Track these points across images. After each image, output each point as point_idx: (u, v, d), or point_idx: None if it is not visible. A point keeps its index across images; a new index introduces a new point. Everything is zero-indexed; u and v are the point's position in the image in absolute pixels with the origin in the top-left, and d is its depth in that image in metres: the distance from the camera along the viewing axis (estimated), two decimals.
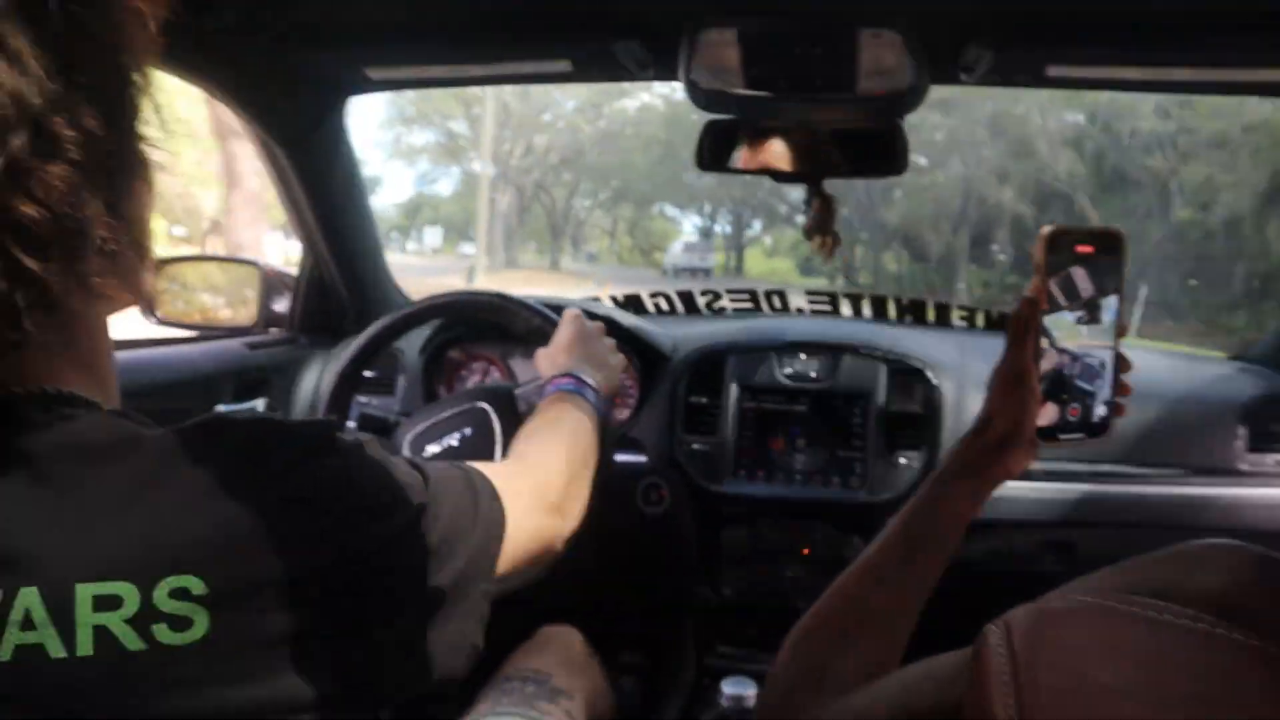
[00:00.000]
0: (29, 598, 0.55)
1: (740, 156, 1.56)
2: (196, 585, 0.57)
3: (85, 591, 0.55)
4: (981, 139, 25.26)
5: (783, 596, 1.75)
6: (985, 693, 0.45)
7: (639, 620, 1.96)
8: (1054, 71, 1.32)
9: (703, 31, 1.26)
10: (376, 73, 1.48)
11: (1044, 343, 0.87)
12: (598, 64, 1.41)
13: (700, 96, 1.42)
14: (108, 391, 0.67)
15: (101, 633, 0.55)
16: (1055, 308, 0.87)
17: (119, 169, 0.61)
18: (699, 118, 1.50)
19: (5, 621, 0.54)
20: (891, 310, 2.17)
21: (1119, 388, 0.92)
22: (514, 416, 1.37)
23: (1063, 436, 0.90)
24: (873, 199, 27.99)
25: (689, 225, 44.28)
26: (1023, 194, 25.25)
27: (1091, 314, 0.89)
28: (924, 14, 1.20)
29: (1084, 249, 0.86)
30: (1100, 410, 0.92)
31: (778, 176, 1.58)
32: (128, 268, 0.64)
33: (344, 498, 0.66)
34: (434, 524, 0.72)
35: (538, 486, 0.97)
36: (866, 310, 2.19)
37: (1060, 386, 0.90)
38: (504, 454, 1.33)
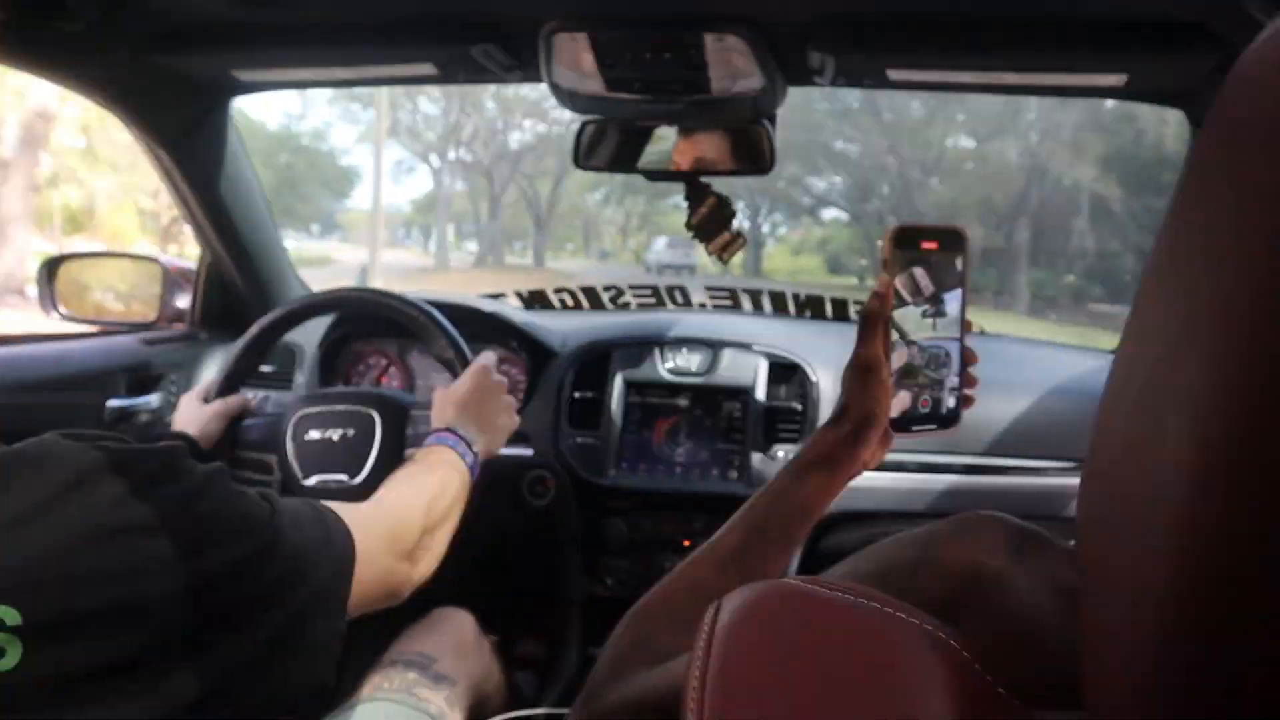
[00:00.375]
0: None
1: (614, 156, 1.60)
2: (10, 615, 0.54)
3: None
4: (1050, 103, 21.23)
5: None
6: (690, 667, 0.46)
7: (533, 612, 1.99)
8: (895, 75, 1.36)
9: (555, 35, 1.30)
10: (245, 75, 1.51)
11: (894, 336, 0.90)
12: (461, 66, 1.44)
13: (564, 98, 1.46)
14: None
15: None
16: (902, 303, 0.90)
17: None
18: None
19: None
20: (790, 306, 2.22)
21: (966, 379, 0.95)
22: (398, 434, 1.41)
23: (915, 428, 0.93)
24: (908, 186, 26.02)
25: None
26: (1106, 170, 21.74)
27: (936, 308, 0.92)
28: (759, 22, 1.24)
29: (929, 245, 0.90)
30: (950, 401, 0.95)
31: (651, 175, 1.62)
32: None
33: (181, 527, 0.64)
34: (276, 556, 0.72)
35: (393, 532, 0.98)
36: (766, 306, 2.24)
37: (911, 377, 0.92)
38: (375, 465, 1.37)
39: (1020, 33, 1.22)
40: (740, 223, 1.61)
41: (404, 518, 1.03)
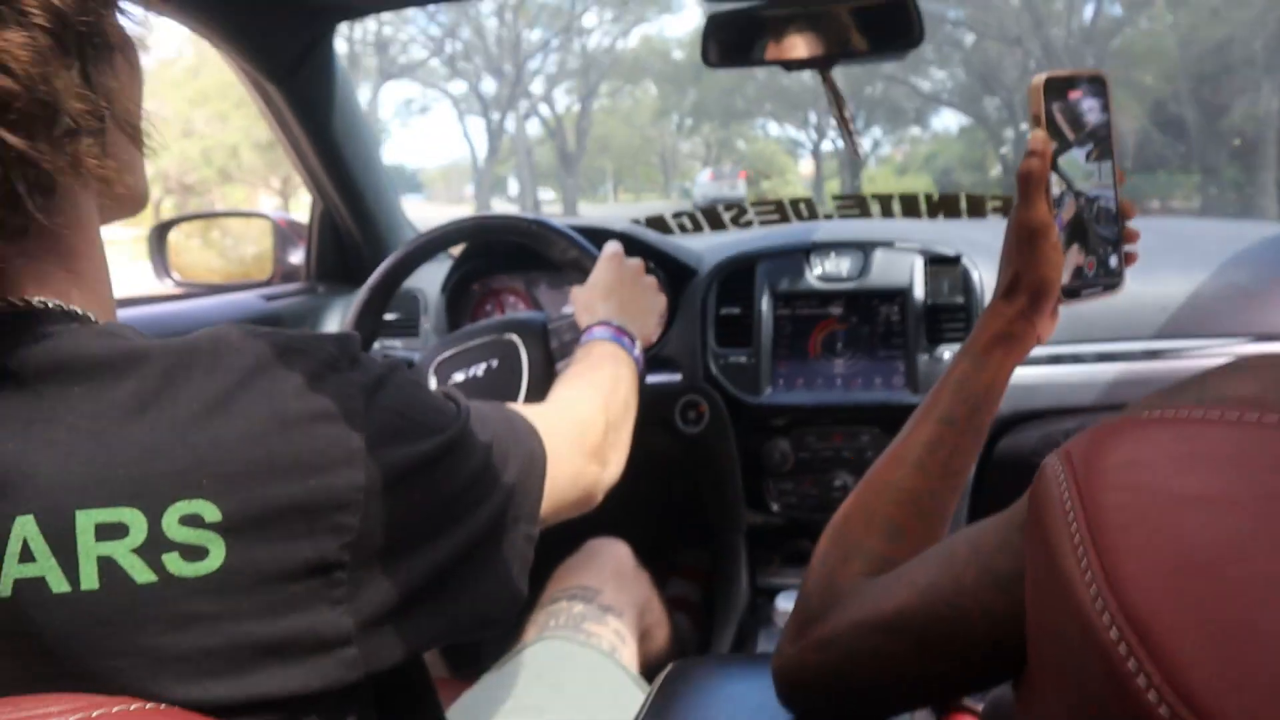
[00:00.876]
0: (25, 526, 0.51)
1: (748, 48, 1.48)
2: (210, 511, 0.53)
3: (87, 519, 0.51)
4: None
5: (834, 508, 1.69)
6: (1047, 527, 0.40)
7: (687, 548, 1.91)
8: None
9: None
10: None
11: (1058, 189, 0.84)
12: None
13: None
14: (104, 306, 0.62)
15: (107, 564, 0.51)
16: (1065, 147, 0.84)
17: (92, 40, 0.56)
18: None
19: (3, 553, 0.51)
20: (923, 206, 2.09)
21: (1127, 234, 0.90)
22: (544, 351, 1.33)
23: (1085, 292, 0.88)
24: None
25: (798, 143, 36.66)
26: None
27: (1099, 149, 0.87)
28: None
29: (1074, 94, 0.85)
30: (1113, 260, 0.89)
31: (790, 65, 1.50)
32: (121, 152, 0.61)
33: (370, 415, 0.60)
34: (470, 454, 0.68)
35: (578, 430, 0.93)
36: (897, 209, 2.11)
37: (1081, 234, 0.87)
38: (529, 388, 1.30)
39: None
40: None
41: (586, 415, 0.97)
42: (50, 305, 0.57)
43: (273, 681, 0.55)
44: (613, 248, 1.29)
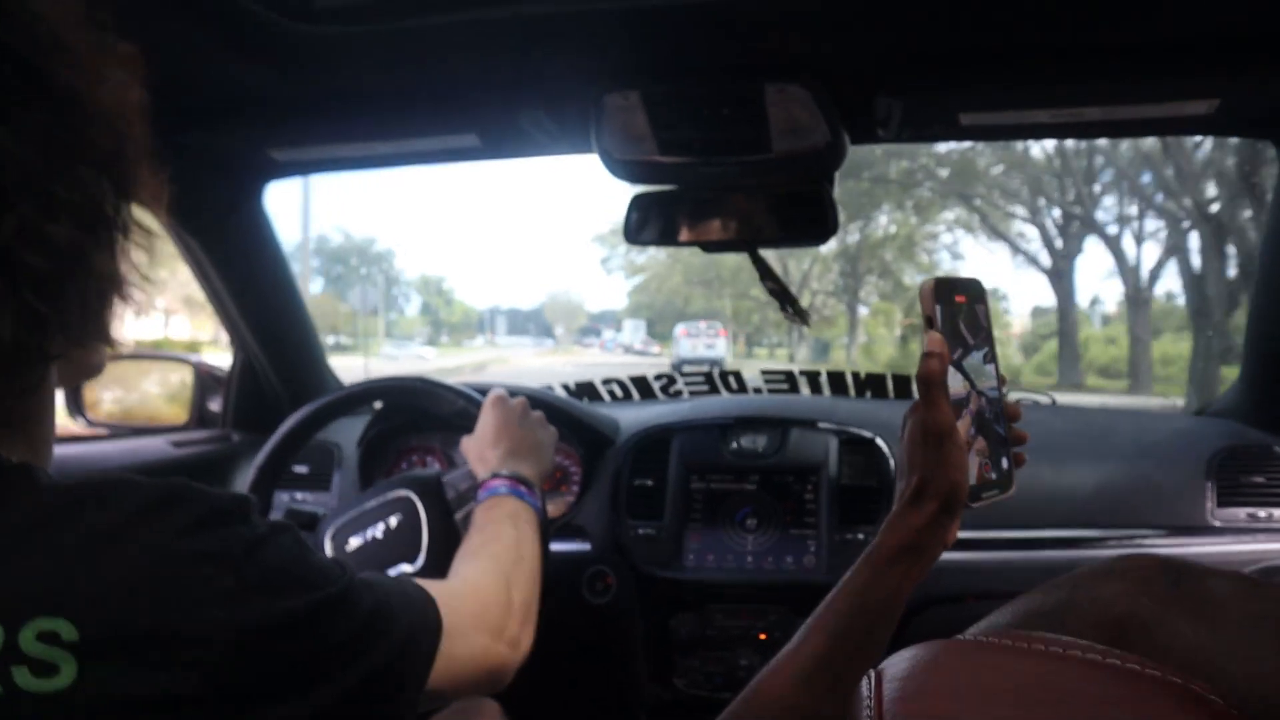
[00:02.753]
0: None
1: (669, 228, 1.52)
2: (67, 630, 0.53)
3: None
4: None
5: (740, 687, 1.64)
6: None
7: None
8: (967, 120, 1.28)
9: (606, 97, 1.23)
10: (281, 154, 1.45)
11: (962, 389, 0.83)
12: (506, 136, 1.38)
13: (615, 167, 1.39)
14: (39, 456, 0.67)
15: None
16: (965, 350, 0.85)
17: (118, 229, 0.63)
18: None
19: None
20: (850, 386, 2.11)
21: (1015, 435, 0.89)
22: (440, 505, 1.32)
23: (985, 495, 0.85)
24: None
25: None
26: None
27: (990, 351, 0.87)
28: (826, 66, 1.17)
29: (960, 298, 0.86)
30: (1005, 462, 0.88)
31: (709, 247, 1.54)
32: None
33: (249, 564, 0.62)
34: (349, 615, 0.68)
35: (480, 609, 0.92)
36: (825, 387, 2.13)
37: (985, 434, 0.86)
38: (430, 544, 1.28)
39: (1101, 60, 1.14)
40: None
41: (490, 594, 0.96)
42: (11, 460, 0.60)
43: None
44: (495, 393, 1.30)
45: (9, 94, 0.55)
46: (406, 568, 1.28)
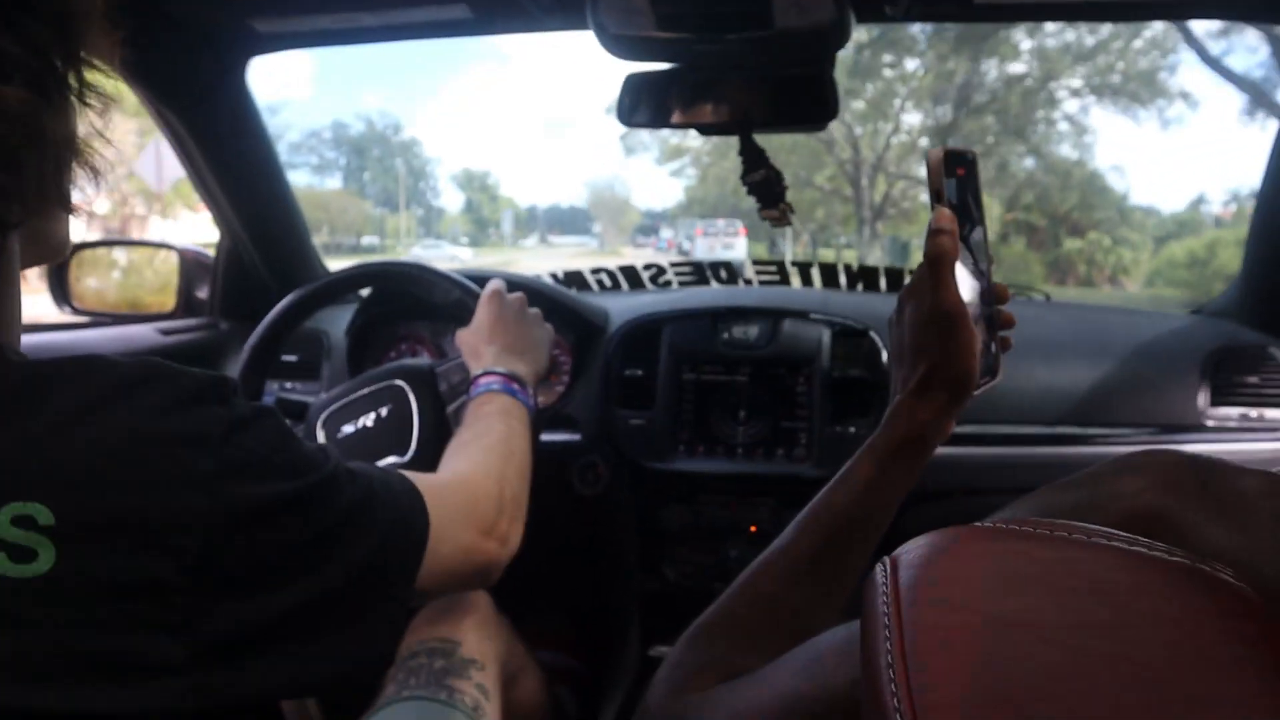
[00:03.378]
0: None
1: (664, 110, 1.47)
2: (43, 514, 0.52)
3: None
4: None
5: (730, 579, 1.66)
6: (867, 640, 0.37)
7: (574, 615, 1.87)
8: None
9: None
10: (264, 26, 1.39)
11: (968, 267, 0.80)
12: (498, 6, 1.32)
13: (610, 43, 1.33)
14: (6, 331, 0.65)
15: None
16: (970, 225, 0.81)
17: (70, 89, 0.60)
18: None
19: None
20: (842, 278, 2.09)
21: (1004, 318, 0.86)
22: (433, 396, 1.30)
23: (981, 381, 0.82)
24: None
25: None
26: None
27: (985, 229, 0.83)
28: None
29: (961, 170, 0.81)
30: (993, 346, 0.85)
31: (705, 129, 1.49)
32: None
33: (228, 447, 0.60)
34: (332, 505, 0.66)
35: (469, 504, 0.90)
36: (816, 280, 2.11)
37: (984, 318, 0.83)
38: (421, 434, 1.27)
39: None
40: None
41: (480, 489, 0.95)
42: None
43: (99, 698, 0.54)
44: (493, 286, 1.28)
45: None
46: (395, 459, 1.27)
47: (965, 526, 0.41)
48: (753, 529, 1.66)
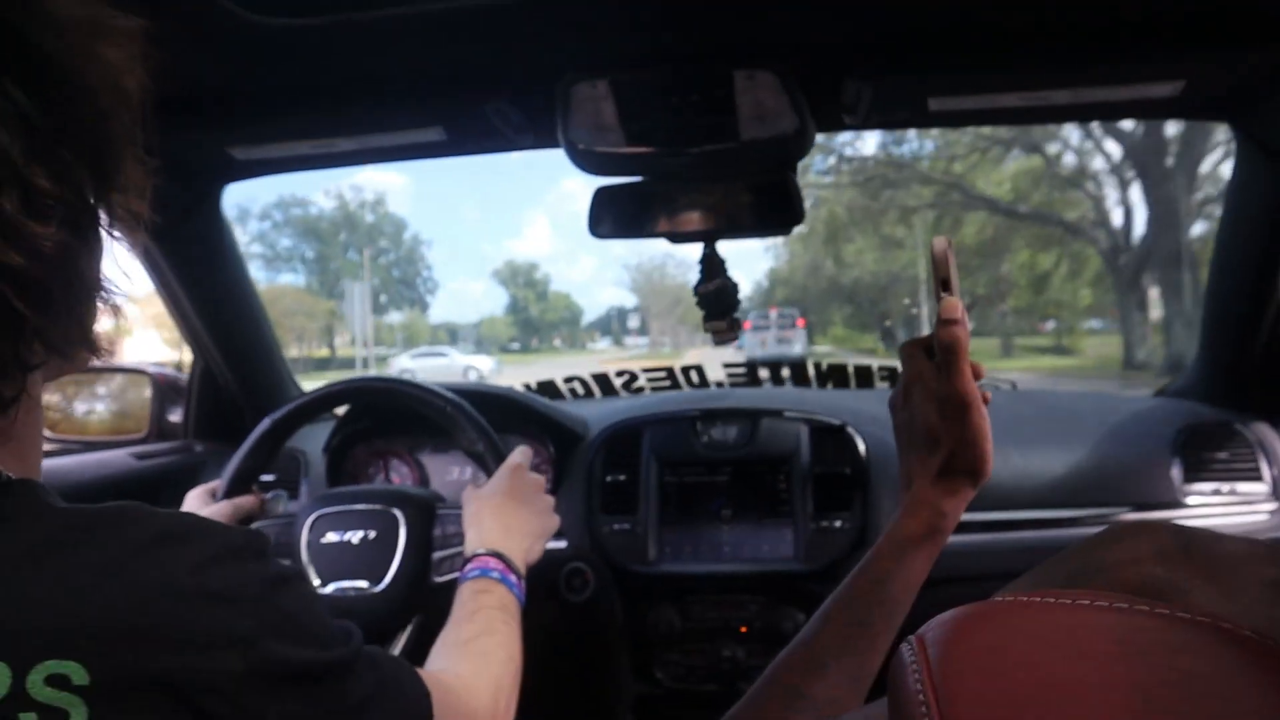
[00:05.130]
0: None
1: (636, 221, 1.51)
2: (78, 673, 0.50)
3: None
4: None
5: (723, 679, 1.66)
6: (905, 716, 0.38)
7: None
8: (935, 105, 1.29)
9: (574, 86, 1.22)
10: (241, 152, 1.42)
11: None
12: (471, 129, 1.36)
13: (580, 158, 1.38)
14: (31, 469, 0.63)
15: None
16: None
17: (100, 224, 0.60)
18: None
19: None
20: (812, 376, 2.13)
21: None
22: (424, 537, 1.30)
23: None
24: None
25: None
26: None
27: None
28: (795, 50, 1.18)
29: (953, 258, 0.83)
30: None
31: (675, 238, 1.53)
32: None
33: (263, 608, 0.59)
34: (357, 683, 0.65)
35: (470, 715, 0.89)
36: (787, 379, 2.15)
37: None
38: (399, 568, 1.26)
39: (1070, 42, 1.15)
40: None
41: (481, 700, 0.93)
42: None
43: None
44: (517, 458, 1.27)
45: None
46: (365, 584, 1.26)
47: (983, 602, 0.42)
48: (743, 629, 1.66)
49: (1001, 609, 0.40)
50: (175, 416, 1.90)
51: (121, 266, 0.64)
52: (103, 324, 0.63)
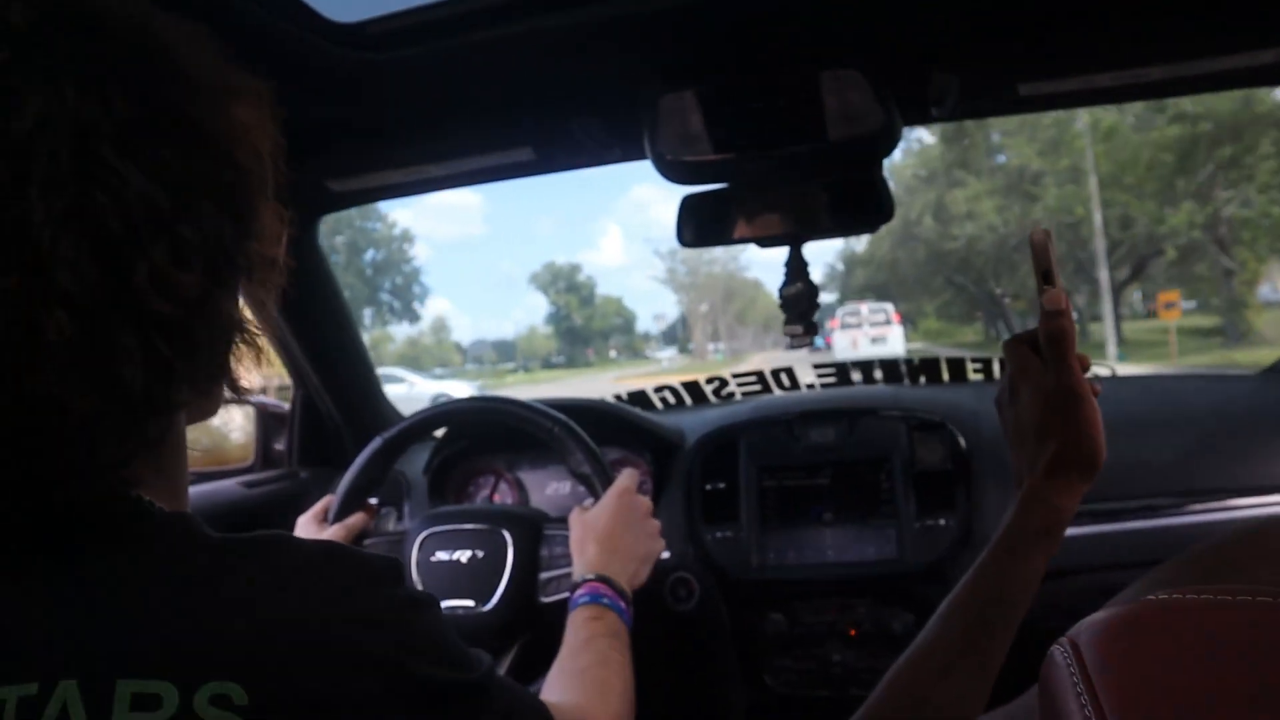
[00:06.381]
0: (68, 691, 0.52)
1: (723, 227, 1.51)
2: (238, 694, 0.53)
3: (125, 689, 0.52)
4: None
5: (834, 684, 1.64)
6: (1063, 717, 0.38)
7: None
8: (1025, 90, 1.27)
9: (660, 99, 1.23)
10: (338, 185, 1.45)
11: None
12: (560, 147, 1.38)
13: (667, 169, 1.38)
14: (180, 502, 0.66)
15: None
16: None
17: (241, 270, 0.62)
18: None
19: (40, 716, 0.51)
20: (904, 373, 2.10)
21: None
22: (531, 556, 1.32)
23: None
24: None
25: None
26: None
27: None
28: (882, 46, 1.17)
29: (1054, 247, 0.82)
30: None
31: (764, 242, 1.52)
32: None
33: (407, 629, 0.62)
34: (489, 708, 0.66)
35: None
36: (878, 376, 2.12)
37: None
38: (507, 587, 1.29)
39: (1164, 12, 1.12)
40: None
41: None
42: (146, 501, 0.60)
43: None
44: (625, 482, 1.28)
45: (137, 129, 0.54)
46: (473, 604, 1.29)
47: (1134, 603, 0.41)
48: (852, 631, 1.64)
49: (1156, 608, 0.39)
50: (280, 444, 1.94)
51: (260, 308, 0.68)
52: (245, 363, 0.66)
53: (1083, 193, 22.08)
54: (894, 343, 21.24)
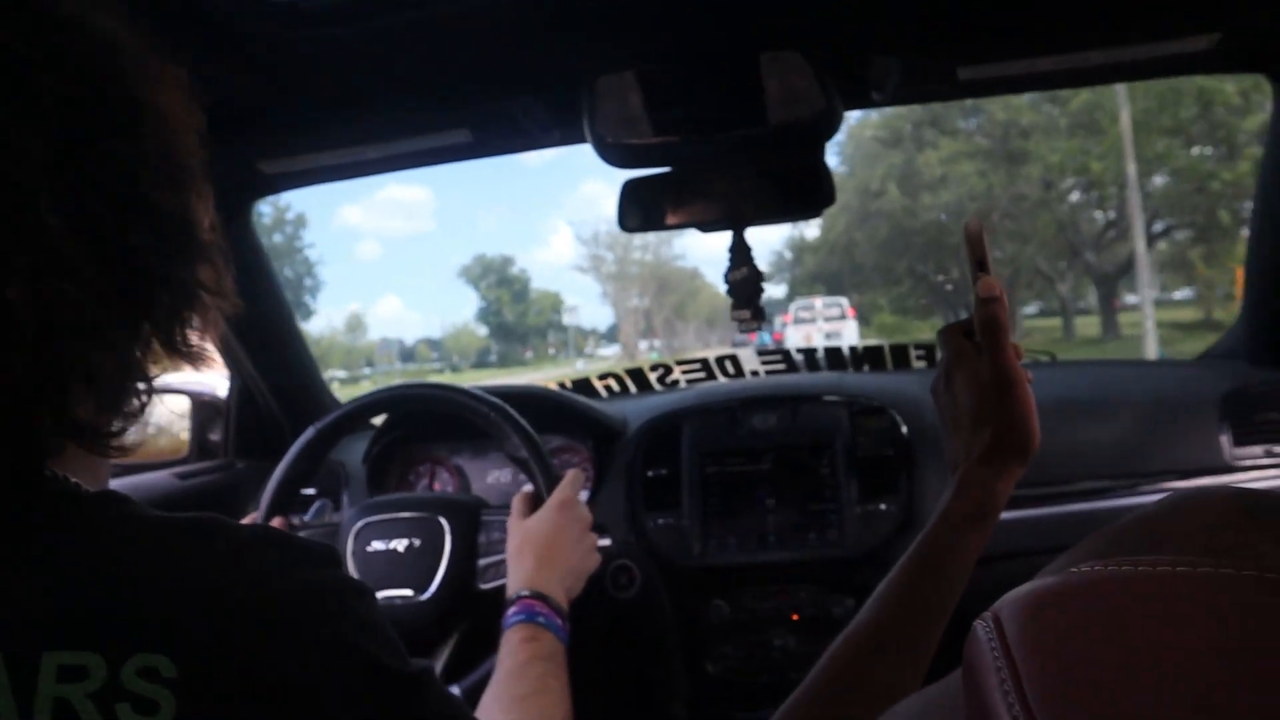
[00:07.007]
0: None
1: (665, 212, 1.50)
2: (166, 666, 0.53)
3: (51, 660, 0.52)
4: None
5: (776, 669, 1.64)
6: (982, 696, 0.37)
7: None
8: (965, 74, 1.28)
9: (599, 80, 1.22)
10: (270, 166, 1.42)
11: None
12: (498, 129, 1.36)
13: (607, 152, 1.37)
14: (101, 484, 0.66)
15: (61, 705, 0.52)
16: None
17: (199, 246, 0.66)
18: None
19: None
20: (848, 360, 2.11)
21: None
22: (469, 543, 1.31)
23: None
24: None
25: None
26: None
27: None
28: (823, 29, 1.16)
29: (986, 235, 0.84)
30: None
31: (706, 226, 1.52)
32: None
33: (345, 610, 0.61)
34: (425, 704, 0.65)
35: None
36: (823, 363, 2.13)
37: None
38: (445, 575, 1.27)
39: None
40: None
41: None
42: (65, 478, 0.60)
43: None
44: (569, 490, 1.26)
45: (117, 114, 0.57)
46: (411, 593, 1.27)
47: (1059, 575, 0.41)
48: (794, 617, 1.64)
49: (1079, 581, 0.38)
50: (215, 435, 1.90)
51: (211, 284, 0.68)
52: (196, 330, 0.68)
53: (1097, 145, 19.69)
54: (849, 337, 20.91)
